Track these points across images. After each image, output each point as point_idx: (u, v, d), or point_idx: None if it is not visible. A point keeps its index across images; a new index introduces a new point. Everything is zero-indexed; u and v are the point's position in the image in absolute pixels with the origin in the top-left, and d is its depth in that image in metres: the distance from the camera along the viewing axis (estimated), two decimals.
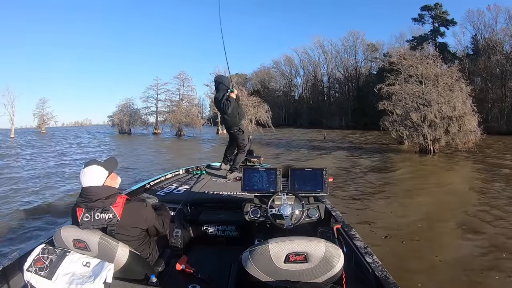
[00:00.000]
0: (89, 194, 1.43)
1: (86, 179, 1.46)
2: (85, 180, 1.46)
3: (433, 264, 3.08)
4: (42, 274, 1.19)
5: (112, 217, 1.42)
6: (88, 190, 1.44)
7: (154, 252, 1.69)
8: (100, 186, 1.46)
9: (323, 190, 2.21)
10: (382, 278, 1.39)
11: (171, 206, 2.53)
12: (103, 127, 49.86)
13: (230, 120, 3.72)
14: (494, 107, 26.90)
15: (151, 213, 1.62)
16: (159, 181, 3.36)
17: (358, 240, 1.80)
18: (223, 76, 3.97)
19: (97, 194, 1.43)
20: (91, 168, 1.48)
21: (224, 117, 3.78)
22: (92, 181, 1.45)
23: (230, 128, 3.79)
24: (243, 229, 2.37)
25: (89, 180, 1.45)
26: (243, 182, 2.27)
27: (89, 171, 1.47)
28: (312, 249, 1.20)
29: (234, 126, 3.75)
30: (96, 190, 1.44)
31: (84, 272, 1.24)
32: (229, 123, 3.76)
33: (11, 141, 26.39)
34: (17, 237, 3.91)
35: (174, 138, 27.12)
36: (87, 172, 1.47)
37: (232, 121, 3.72)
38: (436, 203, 5.30)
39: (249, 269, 1.24)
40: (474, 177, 7.61)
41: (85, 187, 1.46)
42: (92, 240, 1.33)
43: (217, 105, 3.76)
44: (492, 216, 4.52)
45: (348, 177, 7.88)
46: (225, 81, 3.71)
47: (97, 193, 1.44)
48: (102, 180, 1.47)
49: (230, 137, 4.02)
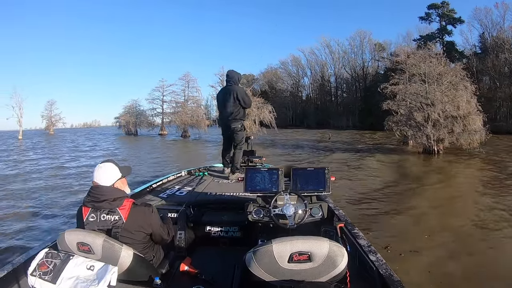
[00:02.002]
0: (97, 193, 1.46)
1: (99, 174, 1.51)
2: (97, 175, 1.51)
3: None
4: (46, 279, 1.19)
5: (118, 219, 1.43)
6: (97, 189, 1.48)
7: (157, 254, 1.69)
8: (109, 186, 1.49)
9: (325, 189, 2.20)
10: (387, 276, 1.38)
11: (174, 208, 2.54)
12: (110, 128, 51.14)
13: (238, 114, 3.70)
14: (503, 106, 26.45)
15: (156, 219, 1.63)
16: (161, 183, 3.38)
17: (362, 239, 1.79)
18: (236, 72, 3.91)
19: (105, 194, 1.45)
20: (106, 165, 1.54)
21: (227, 112, 3.72)
22: (104, 177, 1.50)
23: (232, 123, 3.73)
24: (246, 230, 2.37)
25: (102, 176, 1.50)
26: (245, 182, 2.27)
27: (104, 167, 1.53)
28: (315, 248, 1.20)
29: (237, 121, 3.73)
30: (104, 190, 1.47)
31: (88, 276, 1.24)
32: (233, 118, 3.72)
33: (19, 143, 26.92)
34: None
35: (179, 139, 27.27)
36: (102, 167, 1.53)
37: (239, 115, 3.71)
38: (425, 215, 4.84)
39: (253, 269, 1.24)
40: (479, 179, 7.44)
41: (94, 186, 1.50)
42: (96, 243, 1.34)
43: (223, 97, 3.76)
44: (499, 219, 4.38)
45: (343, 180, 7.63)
46: (239, 77, 3.80)
47: (105, 193, 1.46)
48: (113, 180, 1.52)
49: (226, 137, 3.94)
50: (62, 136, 37.94)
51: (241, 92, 3.69)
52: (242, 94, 3.69)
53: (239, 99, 3.66)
